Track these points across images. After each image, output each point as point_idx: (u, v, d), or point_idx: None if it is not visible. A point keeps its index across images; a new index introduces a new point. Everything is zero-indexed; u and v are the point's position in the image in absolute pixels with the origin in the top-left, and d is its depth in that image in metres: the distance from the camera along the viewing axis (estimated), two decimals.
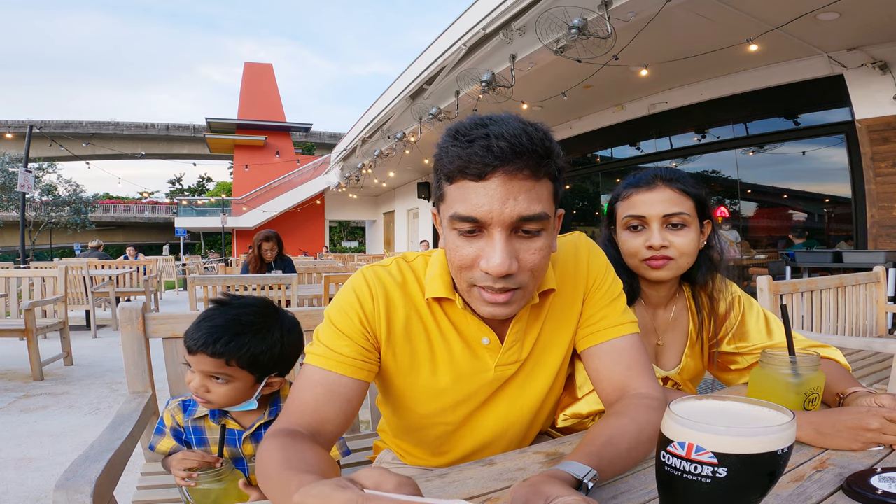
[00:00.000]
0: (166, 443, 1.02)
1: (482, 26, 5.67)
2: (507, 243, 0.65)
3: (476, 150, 0.63)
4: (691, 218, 1.02)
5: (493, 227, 0.65)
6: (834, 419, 0.72)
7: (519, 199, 0.63)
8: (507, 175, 0.63)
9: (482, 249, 0.66)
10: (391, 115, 9.59)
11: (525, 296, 0.71)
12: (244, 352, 0.92)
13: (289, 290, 3.16)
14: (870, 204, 5.35)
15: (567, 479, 0.54)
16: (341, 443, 1.01)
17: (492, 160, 0.62)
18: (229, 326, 0.93)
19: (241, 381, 0.94)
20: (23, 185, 8.39)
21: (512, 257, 0.65)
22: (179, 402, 1.03)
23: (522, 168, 0.63)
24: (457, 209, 0.66)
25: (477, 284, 0.69)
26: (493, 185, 0.63)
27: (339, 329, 0.75)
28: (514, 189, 0.63)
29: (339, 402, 0.71)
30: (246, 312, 0.96)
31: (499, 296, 0.68)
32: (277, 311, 1.01)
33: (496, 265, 0.64)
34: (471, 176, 0.64)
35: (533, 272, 0.69)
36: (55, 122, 30.08)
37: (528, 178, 0.64)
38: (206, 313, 0.96)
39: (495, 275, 0.65)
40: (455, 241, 0.68)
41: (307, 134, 31.93)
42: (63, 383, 3.53)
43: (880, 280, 2.41)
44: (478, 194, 0.64)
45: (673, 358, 1.11)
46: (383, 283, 0.78)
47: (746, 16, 4.71)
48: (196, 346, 0.91)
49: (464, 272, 0.69)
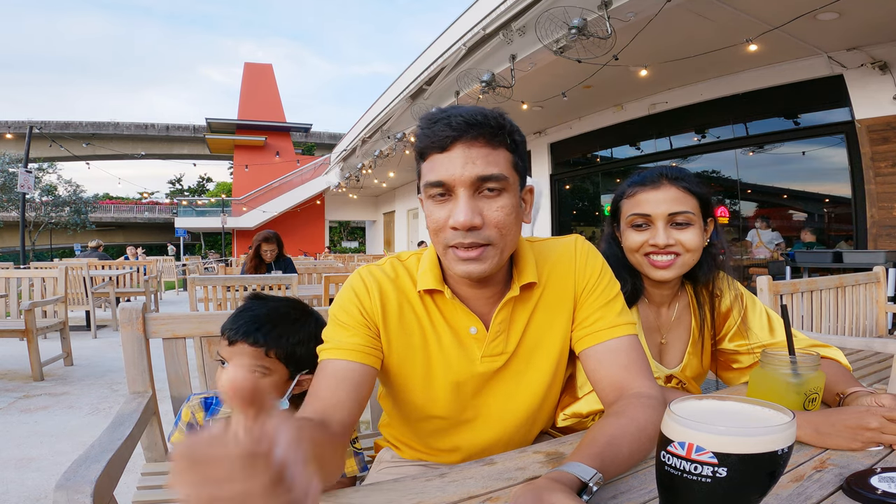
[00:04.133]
0: (178, 437, 1.03)
1: (482, 26, 5.67)
2: (469, 200, 0.74)
3: (439, 127, 0.74)
4: (696, 217, 1.02)
5: (458, 188, 0.74)
6: (834, 419, 0.72)
7: (477, 163, 0.73)
8: (465, 144, 0.74)
9: (451, 210, 0.75)
10: (391, 116, 9.60)
11: (496, 253, 0.76)
12: (283, 341, 0.94)
13: (289, 291, 3.16)
14: (870, 204, 5.36)
15: (572, 481, 0.54)
16: (360, 458, 1.02)
17: (451, 132, 0.73)
18: (270, 316, 0.94)
19: (276, 376, 0.95)
20: (23, 186, 8.39)
21: (475, 212, 0.73)
22: (202, 399, 1.04)
23: (478, 137, 0.73)
24: (428, 178, 0.76)
25: (450, 244, 0.76)
26: (454, 154, 0.74)
27: (343, 323, 0.81)
28: (472, 155, 0.73)
29: (348, 385, 0.76)
30: (282, 305, 0.98)
31: (470, 251, 0.75)
32: (310, 308, 1.04)
33: (462, 218, 0.72)
34: (436, 149, 0.75)
35: (499, 228, 0.75)
36: (55, 123, 30.10)
37: (485, 146, 0.74)
38: (244, 306, 0.98)
39: (462, 228, 0.73)
40: (430, 207, 0.77)
41: (307, 134, 31.94)
42: (63, 383, 3.53)
43: (880, 280, 2.41)
44: (443, 163, 0.74)
45: (676, 356, 1.12)
46: (377, 278, 0.85)
47: (746, 16, 4.71)
48: (237, 335, 0.92)
49: (440, 234, 0.76)
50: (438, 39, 6.99)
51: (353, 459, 1.02)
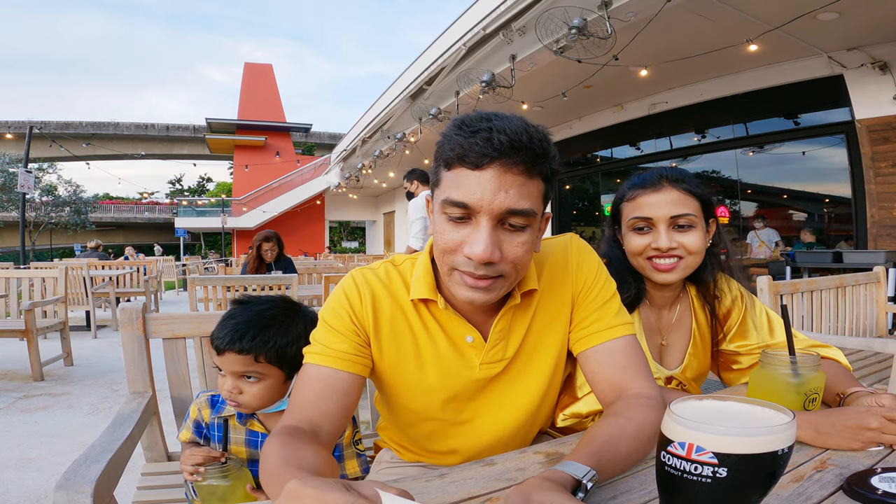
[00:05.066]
0: (185, 434, 1.04)
1: (482, 27, 5.67)
2: (492, 232, 0.67)
3: (477, 141, 0.65)
4: (697, 218, 1.01)
5: (482, 216, 0.67)
6: (834, 419, 0.72)
7: (510, 193, 0.66)
8: (502, 168, 0.66)
9: (468, 236, 0.69)
10: (391, 116, 9.60)
11: (506, 285, 0.73)
12: (271, 345, 0.93)
13: (289, 291, 3.16)
14: (870, 204, 5.35)
15: (566, 479, 0.54)
16: (363, 460, 1.02)
17: (490, 151, 0.65)
18: (254, 322, 0.93)
19: (272, 379, 0.95)
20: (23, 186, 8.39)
21: (495, 246, 0.68)
22: (209, 396, 1.04)
23: (518, 163, 0.66)
24: (450, 194, 0.68)
25: (458, 269, 0.71)
26: (487, 176, 0.66)
27: (332, 327, 0.79)
28: (506, 182, 0.66)
29: (337, 396, 0.74)
30: (268, 308, 0.97)
31: (480, 282, 0.70)
32: (297, 305, 1.02)
33: (479, 251, 0.67)
34: (468, 164, 0.67)
35: (515, 265, 0.71)
36: (55, 123, 30.09)
37: (522, 174, 0.67)
38: (229, 313, 0.97)
39: (477, 261, 0.68)
40: (444, 225, 0.71)
41: (307, 134, 31.92)
42: (63, 384, 3.53)
43: (880, 280, 2.41)
44: (472, 182, 0.67)
45: (677, 357, 1.11)
46: (370, 283, 0.82)
47: (746, 16, 4.71)
48: (223, 344, 0.92)
49: (447, 255, 0.72)
50: (438, 39, 6.98)
51: (355, 461, 1.02)
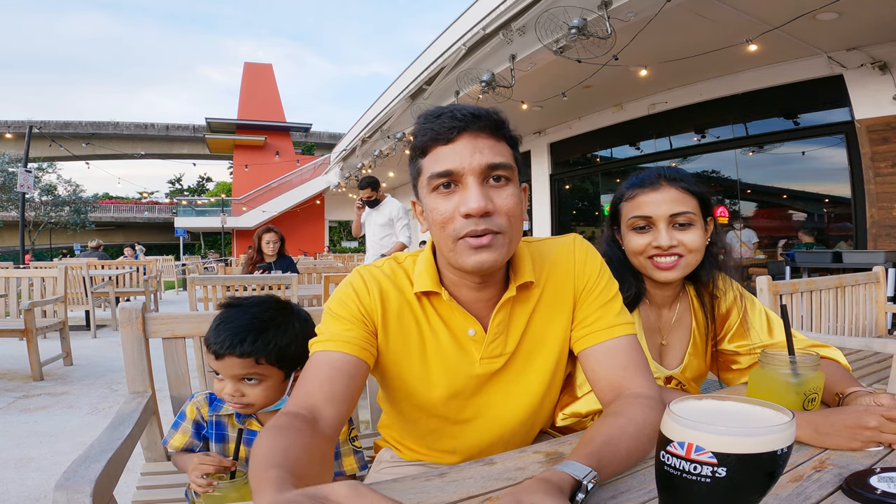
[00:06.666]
0: (180, 438, 1.02)
1: (482, 26, 5.67)
2: (480, 188, 0.73)
3: (444, 121, 0.74)
4: (696, 216, 1.02)
5: (466, 177, 0.73)
6: (833, 419, 0.72)
7: (484, 152, 0.73)
8: (471, 135, 0.74)
9: (459, 200, 0.74)
10: (391, 116, 9.59)
11: (506, 242, 0.75)
12: (272, 347, 0.93)
13: (289, 290, 3.16)
14: (869, 204, 5.35)
15: (566, 480, 0.54)
16: (360, 457, 1.01)
17: (457, 123, 0.73)
18: (252, 325, 0.93)
19: (272, 379, 0.95)
20: (22, 185, 8.39)
21: (487, 199, 0.72)
22: (206, 395, 1.04)
23: (483, 128, 0.74)
24: (433, 169, 0.75)
25: (461, 235, 0.74)
26: (461, 145, 0.73)
27: (340, 316, 0.80)
28: (479, 145, 0.74)
29: (343, 379, 0.74)
30: (262, 310, 0.97)
31: (482, 239, 0.73)
32: (290, 305, 1.02)
33: (474, 204, 0.71)
34: (441, 141, 0.74)
35: (509, 216, 0.75)
36: (55, 123, 30.08)
37: (490, 137, 0.75)
38: (223, 317, 0.95)
39: (475, 214, 0.72)
40: (434, 201, 0.76)
41: (307, 134, 31.93)
42: (63, 383, 3.53)
43: (880, 280, 2.41)
44: (448, 154, 0.74)
45: (676, 357, 1.12)
46: (376, 277, 0.84)
47: (746, 16, 4.71)
48: (223, 349, 0.91)
49: (447, 226, 0.74)
50: (438, 39, 6.98)
51: (352, 457, 1.02)
